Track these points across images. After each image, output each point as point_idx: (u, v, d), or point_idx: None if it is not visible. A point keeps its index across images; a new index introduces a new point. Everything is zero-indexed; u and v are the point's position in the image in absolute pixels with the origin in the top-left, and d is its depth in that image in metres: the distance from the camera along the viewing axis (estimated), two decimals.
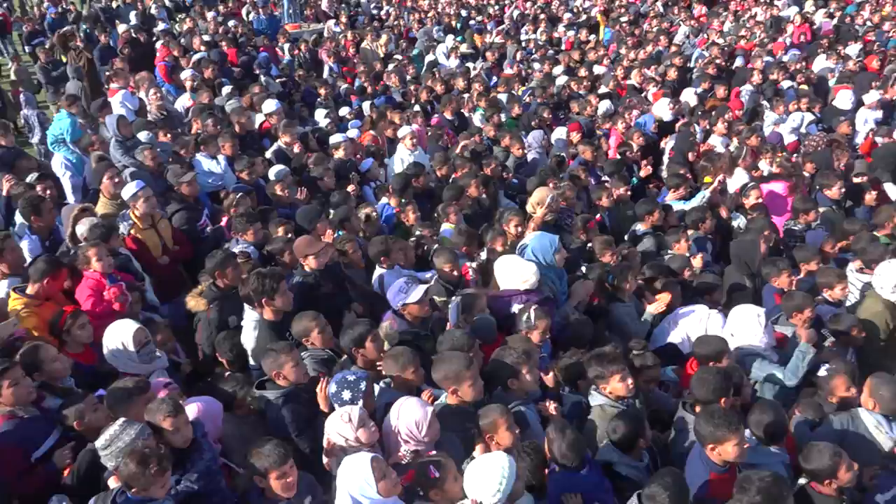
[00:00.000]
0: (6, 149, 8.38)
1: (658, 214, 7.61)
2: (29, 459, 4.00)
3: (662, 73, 13.92)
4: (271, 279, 5.09)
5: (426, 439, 3.96)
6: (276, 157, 8.93)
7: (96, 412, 4.14)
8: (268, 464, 3.58)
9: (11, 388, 4.01)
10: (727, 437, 3.94)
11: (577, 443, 3.96)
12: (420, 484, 3.60)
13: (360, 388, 4.10)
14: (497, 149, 10.11)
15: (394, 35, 18.09)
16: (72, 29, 15.29)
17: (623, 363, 4.55)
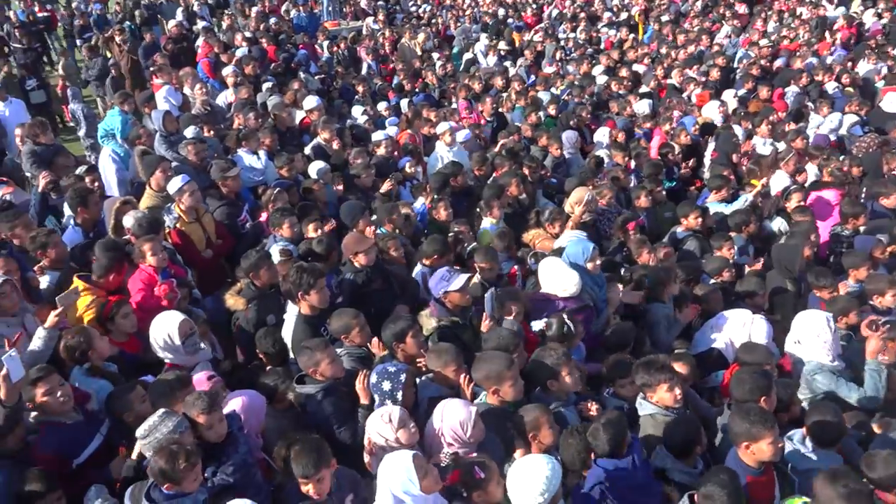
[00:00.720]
0: (45, 146, 8.53)
1: (697, 216, 7.51)
2: (70, 466, 4.03)
3: (705, 73, 13.72)
4: (310, 274, 5.13)
5: (471, 440, 3.96)
6: (314, 153, 8.99)
7: (144, 403, 4.19)
8: (302, 472, 3.61)
9: (47, 397, 4.01)
10: (762, 435, 3.86)
11: (618, 435, 3.91)
12: (465, 485, 3.59)
13: (399, 379, 4.13)
14: (535, 148, 10.07)
15: (431, 33, 18.12)
16: (120, 27, 15.58)
17: (671, 372, 4.47)
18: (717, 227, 7.63)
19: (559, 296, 5.54)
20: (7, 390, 3.89)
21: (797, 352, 5.35)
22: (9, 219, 6.31)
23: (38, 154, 8.30)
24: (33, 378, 4.01)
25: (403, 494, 3.37)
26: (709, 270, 6.61)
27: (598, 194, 7.54)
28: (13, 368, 3.87)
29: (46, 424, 4.10)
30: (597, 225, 7.45)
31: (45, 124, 8.88)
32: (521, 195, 8.16)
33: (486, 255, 6.03)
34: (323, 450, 3.69)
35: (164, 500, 3.47)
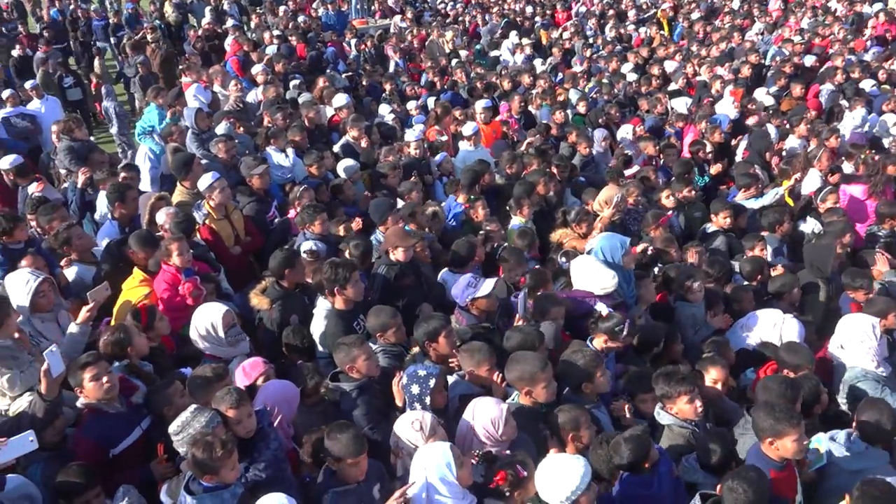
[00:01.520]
0: (81, 142, 8.70)
1: (729, 214, 7.41)
2: (107, 455, 4.08)
3: (736, 71, 13.55)
4: (344, 269, 5.17)
5: (503, 438, 3.95)
6: (343, 152, 9.03)
7: (184, 397, 4.23)
8: (345, 453, 3.64)
9: (93, 382, 4.04)
10: (787, 431, 3.80)
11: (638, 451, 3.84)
12: (511, 485, 3.56)
13: (428, 384, 4.11)
14: (563, 146, 10.01)
15: (459, 31, 18.11)
16: (152, 25, 15.81)
17: (692, 384, 4.35)
18: (749, 226, 7.53)
19: (595, 293, 5.51)
20: (48, 384, 3.93)
21: (841, 357, 5.24)
22: (47, 212, 6.45)
23: (74, 150, 8.46)
24: (82, 363, 4.06)
25: (438, 481, 3.36)
26: (745, 273, 6.52)
27: (626, 193, 7.47)
28: (54, 363, 3.92)
29: (90, 411, 4.16)
30: (624, 223, 7.40)
31: (79, 121, 9.06)
32: (549, 193, 8.12)
33: (515, 255, 6.02)
34: (361, 435, 3.74)
35: (203, 493, 3.50)
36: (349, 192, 7.77)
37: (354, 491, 3.70)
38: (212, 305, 5.00)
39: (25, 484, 3.72)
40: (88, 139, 9.06)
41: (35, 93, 11.20)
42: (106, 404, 4.13)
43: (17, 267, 5.45)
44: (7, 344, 4.41)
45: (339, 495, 3.65)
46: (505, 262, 6.14)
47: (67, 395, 4.34)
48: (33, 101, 11.11)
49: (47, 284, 4.93)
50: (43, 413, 3.96)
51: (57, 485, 3.77)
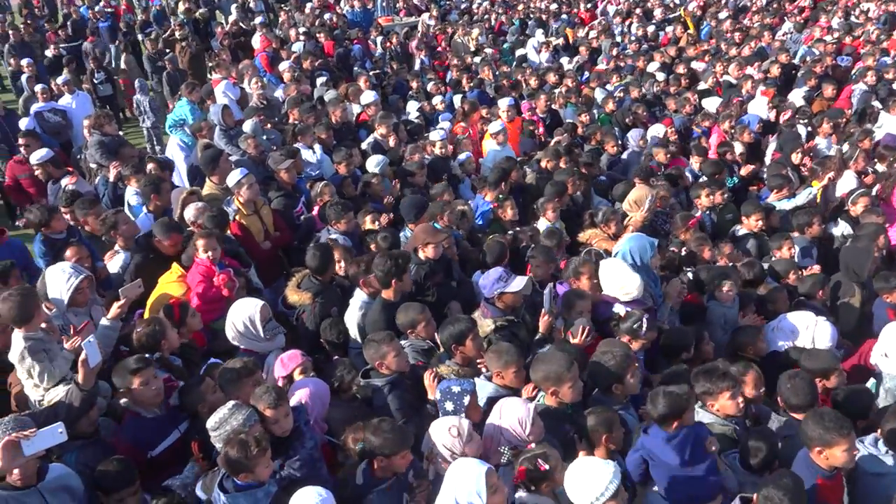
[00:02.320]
0: (111, 137, 8.84)
1: (760, 216, 7.33)
2: (144, 456, 4.13)
3: (766, 70, 13.38)
4: (403, 260, 5.22)
5: (531, 437, 3.93)
6: (371, 149, 9.06)
7: (216, 393, 4.27)
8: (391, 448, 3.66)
9: (142, 388, 4.11)
10: (837, 442, 3.77)
11: (675, 406, 3.86)
12: (532, 480, 3.58)
13: (462, 402, 4.06)
14: (588, 146, 9.96)
15: (485, 29, 18.08)
16: (180, 22, 15.96)
17: (733, 380, 4.34)
18: (781, 228, 7.45)
19: (620, 299, 5.47)
20: (85, 374, 3.98)
21: (884, 365, 5.17)
22: (83, 206, 6.57)
23: (105, 144, 8.61)
24: (132, 368, 4.11)
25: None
26: (778, 270, 6.44)
27: (656, 195, 7.42)
28: (91, 354, 3.97)
29: (129, 414, 4.22)
30: (653, 224, 7.35)
31: (110, 116, 9.23)
32: (577, 193, 8.09)
33: (543, 254, 6.01)
34: (405, 428, 3.78)
35: (237, 491, 3.52)
36: (378, 187, 7.78)
37: (394, 485, 3.72)
38: (248, 300, 5.04)
39: (67, 475, 3.76)
40: (118, 134, 9.19)
41: (66, 88, 11.36)
42: (146, 409, 4.19)
43: (60, 257, 5.59)
44: (38, 336, 4.47)
45: (382, 494, 3.66)
46: (533, 260, 6.13)
47: (102, 385, 4.41)
48: (64, 97, 11.27)
49: (87, 282, 5.00)
50: (80, 402, 4.01)
51: (97, 476, 3.81)
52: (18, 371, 4.54)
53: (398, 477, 3.74)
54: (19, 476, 3.48)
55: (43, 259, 6.24)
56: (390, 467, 3.72)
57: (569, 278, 5.67)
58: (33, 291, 4.70)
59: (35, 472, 3.57)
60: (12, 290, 4.59)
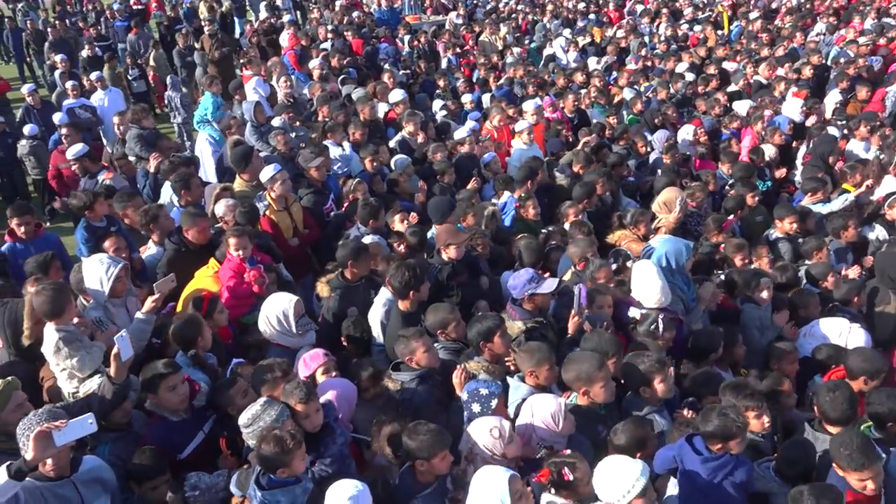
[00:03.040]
0: (149, 130, 9.01)
1: (794, 220, 7.22)
2: (173, 458, 4.14)
3: (797, 72, 13.19)
4: (420, 270, 5.19)
5: (563, 432, 3.91)
6: (399, 147, 9.07)
7: (246, 397, 4.29)
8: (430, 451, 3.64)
9: (169, 394, 4.15)
10: (860, 472, 3.67)
11: (726, 430, 3.77)
12: (553, 484, 3.56)
13: (490, 405, 4.02)
14: (616, 147, 9.88)
15: (512, 28, 18.03)
16: (208, 18, 16.09)
17: (761, 399, 4.26)
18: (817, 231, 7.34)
19: (644, 305, 5.38)
20: (117, 368, 4.01)
21: None
22: (122, 199, 6.69)
23: (143, 137, 8.81)
24: (159, 372, 4.15)
25: None
26: (815, 274, 6.34)
27: (689, 195, 7.35)
28: (124, 348, 4.00)
29: (155, 417, 4.26)
30: (685, 225, 7.27)
31: (147, 110, 9.42)
32: (605, 193, 8.03)
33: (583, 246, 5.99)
34: (442, 429, 3.76)
35: (274, 487, 3.52)
36: (405, 185, 7.77)
37: (437, 489, 3.70)
38: (283, 295, 5.03)
39: (100, 467, 3.79)
40: (155, 128, 9.34)
41: (99, 84, 11.50)
42: (171, 413, 4.22)
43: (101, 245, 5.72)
44: (71, 329, 4.52)
45: (426, 499, 3.65)
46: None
47: (133, 379, 4.44)
48: (97, 93, 11.41)
49: (125, 271, 5.05)
50: (112, 396, 4.04)
51: (130, 467, 3.86)
52: (51, 364, 4.57)
53: (440, 482, 3.73)
54: (52, 466, 3.49)
55: (85, 245, 6.38)
56: (432, 470, 3.70)
57: (586, 282, 5.61)
58: (66, 286, 4.74)
59: (68, 463, 3.59)
60: (46, 284, 4.64)
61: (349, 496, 3.24)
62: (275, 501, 3.48)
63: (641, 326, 5.01)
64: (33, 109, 11.09)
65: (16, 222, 6.29)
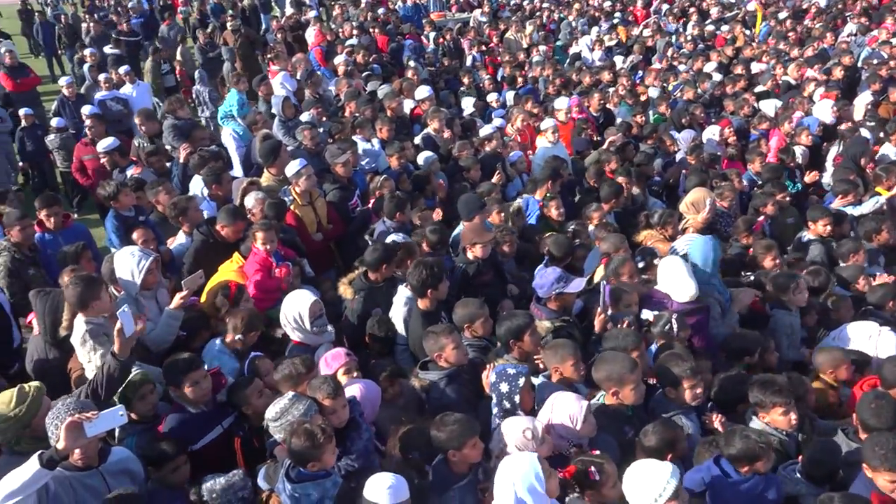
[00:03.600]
0: (184, 120, 9.08)
1: (828, 222, 7.09)
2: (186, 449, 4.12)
3: (827, 72, 13.00)
4: (438, 268, 5.15)
5: (581, 434, 3.87)
6: (424, 144, 9.05)
7: (261, 398, 4.30)
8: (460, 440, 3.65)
9: (192, 388, 4.17)
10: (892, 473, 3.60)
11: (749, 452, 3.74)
12: (578, 482, 3.52)
13: (517, 383, 4.04)
14: (644, 146, 9.79)
15: (538, 26, 17.96)
16: (232, 14, 16.20)
17: (789, 395, 4.20)
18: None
19: (673, 299, 5.35)
20: (121, 344, 4.01)
21: None
22: (153, 186, 6.77)
23: (178, 127, 8.92)
24: (182, 367, 4.17)
25: (526, 493, 3.28)
26: (846, 276, 6.23)
27: (719, 196, 7.26)
28: (126, 323, 4.00)
29: (175, 407, 4.28)
30: (712, 225, 7.17)
31: (181, 101, 9.50)
32: (635, 192, 7.95)
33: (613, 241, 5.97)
34: (468, 418, 3.76)
35: (305, 480, 3.51)
36: (433, 184, 7.75)
37: (472, 480, 3.71)
38: (301, 294, 5.02)
39: (129, 458, 3.81)
40: (191, 118, 9.43)
41: (128, 78, 11.60)
42: (192, 405, 4.23)
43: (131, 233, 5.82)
44: (99, 321, 4.55)
45: (462, 490, 3.63)
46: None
47: (156, 370, 4.47)
48: (126, 86, 11.51)
49: (155, 263, 5.08)
50: (117, 372, 4.03)
51: (147, 455, 3.90)
52: (79, 354, 4.62)
53: (474, 472, 3.72)
54: (80, 456, 3.52)
55: (115, 234, 6.45)
56: (464, 459, 3.71)
57: (608, 278, 5.56)
58: (98, 279, 4.77)
59: (96, 453, 3.62)
60: (77, 276, 4.68)
61: (388, 486, 3.24)
62: (305, 494, 3.47)
63: (655, 327, 4.98)
64: (68, 101, 11.20)
65: (44, 213, 6.36)
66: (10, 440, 3.71)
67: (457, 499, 3.64)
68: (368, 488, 3.26)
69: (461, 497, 3.67)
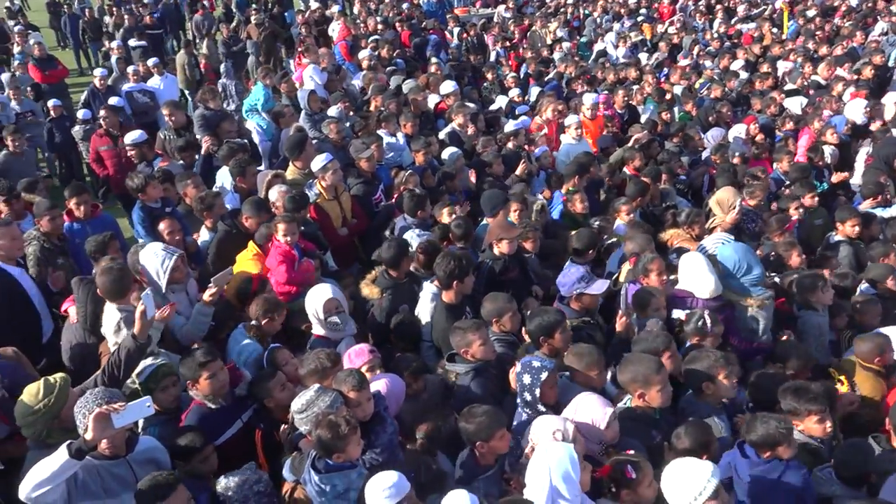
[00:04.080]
0: (213, 111, 9.14)
1: (856, 223, 6.98)
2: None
3: (857, 72, 12.79)
4: (466, 261, 5.14)
5: (604, 439, 3.84)
6: (449, 139, 9.03)
7: (284, 391, 4.32)
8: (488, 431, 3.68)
9: (209, 381, 4.17)
10: None
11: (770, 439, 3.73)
12: (614, 481, 3.49)
13: (539, 377, 4.03)
14: (670, 144, 9.70)
15: (563, 22, 17.87)
16: (256, 8, 16.27)
17: (824, 403, 4.13)
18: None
19: (697, 296, 5.28)
20: (141, 326, 4.04)
21: None
22: (182, 178, 6.86)
23: (206, 118, 9.00)
24: (200, 361, 4.18)
25: (561, 481, 3.26)
26: (873, 276, 6.13)
27: (748, 194, 7.17)
28: (148, 305, 4.04)
29: (195, 403, 4.29)
30: (740, 224, 7.09)
31: (214, 91, 9.57)
32: (666, 187, 7.91)
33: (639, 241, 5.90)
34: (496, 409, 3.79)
35: (331, 471, 3.53)
36: (459, 180, 7.73)
37: (498, 471, 3.72)
38: (320, 289, 5.01)
39: (155, 448, 3.84)
40: (222, 108, 9.50)
41: (156, 70, 11.68)
42: (211, 400, 4.25)
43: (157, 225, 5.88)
44: (131, 309, 4.57)
45: (488, 481, 3.64)
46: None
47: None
48: (153, 78, 11.59)
49: (181, 260, 5.10)
50: (135, 353, 4.07)
51: (175, 449, 3.90)
52: (110, 343, 4.67)
53: (500, 463, 3.72)
54: (108, 445, 3.55)
55: (141, 225, 6.51)
56: (492, 451, 3.72)
57: (637, 276, 5.51)
58: (128, 271, 4.82)
59: (123, 442, 3.65)
60: (111, 264, 4.74)
61: (385, 487, 3.25)
62: (331, 485, 3.49)
63: (689, 326, 4.88)
64: (99, 93, 11.30)
65: (74, 202, 6.41)
66: (40, 432, 3.75)
67: (481, 490, 3.63)
68: (369, 491, 3.28)
69: (486, 488, 3.67)
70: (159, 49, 16.08)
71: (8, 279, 5.45)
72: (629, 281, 5.66)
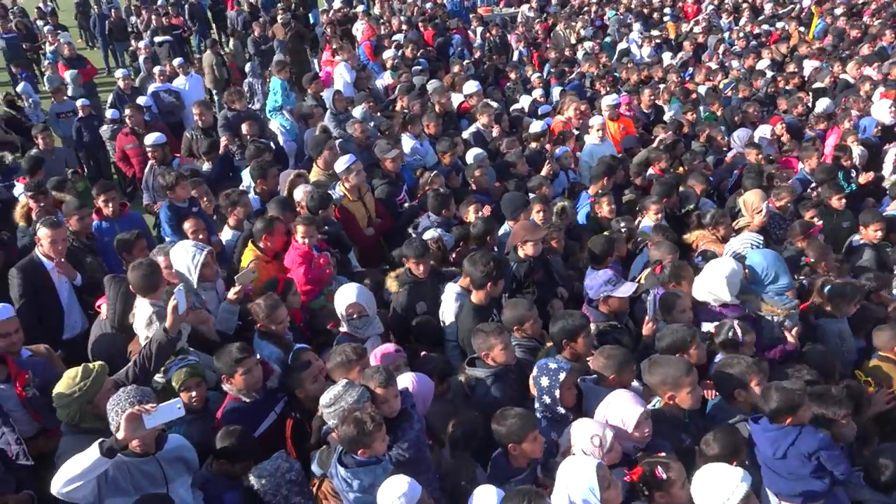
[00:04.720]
0: (237, 113, 9.20)
1: (880, 227, 6.87)
2: None
3: (886, 72, 12.59)
4: (504, 264, 5.14)
5: (634, 437, 3.82)
6: (473, 139, 9.03)
7: (315, 383, 4.35)
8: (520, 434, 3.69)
9: (244, 377, 4.23)
10: None
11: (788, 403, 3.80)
12: (646, 483, 3.48)
13: (557, 378, 4.03)
14: (696, 144, 9.63)
15: (586, 21, 17.78)
16: (282, 7, 16.37)
17: (848, 407, 4.12)
18: None
19: (710, 303, 5.20)
20: (173, 320, 4.11)
21: None
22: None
23: (228, 119, 9.09)
24: (235, 357, 4.23)
25: (580, 502, 3.28)
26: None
27: (776, 196, 7.10)
28: (180, 301, 4.10)
29: (230, 399, 4.34)
30: (766, 228, 7.01)
31: (240, 93, 9.66)
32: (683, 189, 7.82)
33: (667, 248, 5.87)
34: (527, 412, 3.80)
35: (357, 466, 3.57)
36: (481, 180, 7.72)
37: (529, 475, 3.73)
38: (346, 291, 5.01)
39: (184, 446, 3.88)
40: (246, 109, 9.61)
41: (181, 70, 11.80)
42: (245, 394, 4.29)
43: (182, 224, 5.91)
44: (161, 304, 4.63)
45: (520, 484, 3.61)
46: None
47: (209, 358, 4.55)
48: (179, 78, 11.71)
49: (210, 256, 5.15)
50: (166, 346, 4.15)
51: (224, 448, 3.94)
52: (141, 338, 4.70)
53: (533, 467, 3.73)
54: (139, 443, 3.60)
55: (168, 223, 6.57)
56: (524, 454, 3.73)
57: (667, 282, 5.40)
58: (158, 267, 4.87)
59: (153, 440, 3.70)
60: (143, 260, 4.81)
61: (398, 494, 3.26)
62: (357, 480, 3.53)
63: (719, 337, 4.78)
64: (123, 94, 11.45)
65: (102, 199, 6.48)
66: (73, 415, 3.81)
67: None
68: (381, 495, 3.30)
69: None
70: (184, 48, 16.22)
71: (41, 271, 5.58)
72: (654, 286, 5.62)
